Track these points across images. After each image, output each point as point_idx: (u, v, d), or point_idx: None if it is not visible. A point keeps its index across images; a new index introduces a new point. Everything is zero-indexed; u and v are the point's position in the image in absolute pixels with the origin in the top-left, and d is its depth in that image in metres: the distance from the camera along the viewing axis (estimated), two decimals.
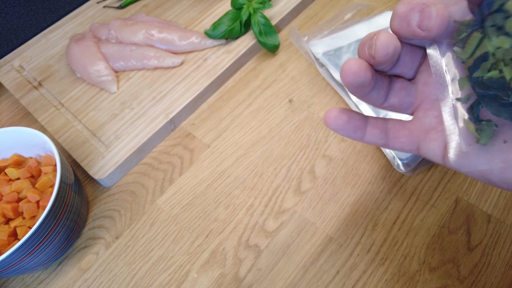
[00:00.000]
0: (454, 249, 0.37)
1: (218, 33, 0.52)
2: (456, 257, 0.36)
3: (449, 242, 0.37)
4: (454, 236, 0.38)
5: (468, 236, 0.37)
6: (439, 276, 0.36)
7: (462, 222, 0.38)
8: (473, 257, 0.36)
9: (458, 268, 0.36)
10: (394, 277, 0.36)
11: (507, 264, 0.36)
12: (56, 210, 0.35)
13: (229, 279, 0.37)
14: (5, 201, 0.38)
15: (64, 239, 0.38)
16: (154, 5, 0.62)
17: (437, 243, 0.37)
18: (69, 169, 0.39)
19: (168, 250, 0.40)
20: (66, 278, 0.39)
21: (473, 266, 0.36)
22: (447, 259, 0.36)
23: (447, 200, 0.40)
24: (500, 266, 0.36)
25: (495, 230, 0.38)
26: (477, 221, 0.38)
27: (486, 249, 0.37)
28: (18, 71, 0.56)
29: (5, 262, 0.32)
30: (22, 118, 0.54)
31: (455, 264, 0.36)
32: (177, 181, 0.45)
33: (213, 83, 0.50)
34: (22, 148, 0.42)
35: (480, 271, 0.35)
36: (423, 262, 0.36)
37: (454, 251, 0.37)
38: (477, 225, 0.38)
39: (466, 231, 0.38)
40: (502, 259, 0.36)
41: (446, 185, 0.41)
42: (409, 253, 0.37)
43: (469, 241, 0.37)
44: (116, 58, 0.52)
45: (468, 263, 0.36)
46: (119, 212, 0.43)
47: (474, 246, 0.37)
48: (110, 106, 0.50)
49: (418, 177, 0.42)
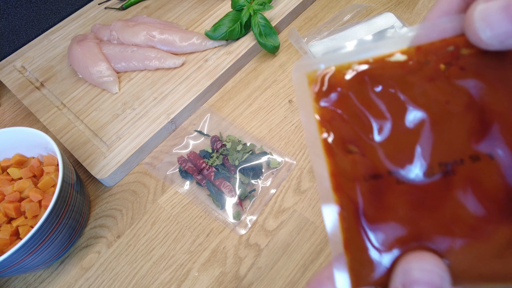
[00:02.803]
0: None
1: (218, 34, 0.52)
2: None
3: None
4: None
5: None
6: None
7: None
8: None
9: None
10: None
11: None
12: (58, 209, 0.35)
13: (230, 278, 0.38)
14: (8, 200, 0.39)
15: (66, 238, 0.38)
16: (155, 7, 0.63)
17: None
18: (71, 169, 0.39)
19: (169, 249, 0.40)
20: (68, 277, 0.40)
21: None
22: None
23: None
24: None
25: None
26: None
27: None
28: (20, 71, 0.56)
29: (7, 261, 0.33)
30: (24, 118, 0.54)
31: None
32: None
33: (214, 83, 0.51)
34: (24, 148, 0.43)
35: None
36: None
37: None
38: None
39: None
40: None
41: None
42: None
43: None
44: (118, 59, 0.53)
45: None
46: (121, 212, 0.43)
47: None
48: (112, 106, 0.50)
49: None
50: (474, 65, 0.16)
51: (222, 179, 0.43)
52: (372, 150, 0.17)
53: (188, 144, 0.47)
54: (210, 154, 0.45)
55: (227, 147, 0.45)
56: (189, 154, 0.45)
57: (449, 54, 0.16)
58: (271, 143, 0.46)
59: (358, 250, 0.18)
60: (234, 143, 0.45)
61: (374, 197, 0.17)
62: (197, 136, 0.48)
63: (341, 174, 0.17)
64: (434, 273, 0.16)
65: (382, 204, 0.17)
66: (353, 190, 0.17)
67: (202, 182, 0.43)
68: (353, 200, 0.17)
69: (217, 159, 0.44)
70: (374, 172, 0.17)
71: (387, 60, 0.17)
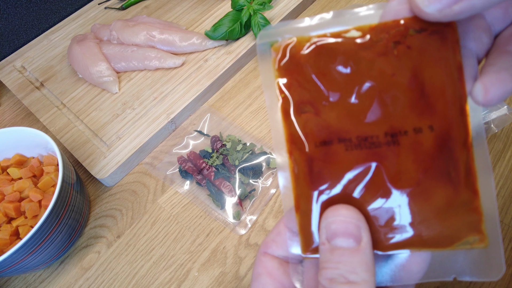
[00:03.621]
0: None
1: (218, 34, 0.52)
2: None
3: None
4: None
5: None
6: None
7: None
8: None
9: None
10: None
11: (505, 263, 0.36)
12: (58, 209, 0.35)
13: (230, 278, 0.38)
14: (7, 200, 0.39)
15: (66, 238, 0.38)
16: (155, 7, 0.63)
17: None
18: (71, 169, 0.39)
19: (169, 249, 0.40)
20: (68, 277, 0.40)
21: None
22: None
23: None
24: None
25: None
26: None
27: None
28: (20, 71, 0.56)
29: (7, 261, 0.33)
30: (24, 118, 0.54)
31: None
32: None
33: (214, 83, 0.51)
34: (24, 148, 0.43)
35: None
36: None
37: None
38: None
39: None
40: None
41: None
42: None
43: None
44: (118, 59, 0.53)
45: None
46: (121, 211, 0.43)
47: None
48: (112, 106, 0.50)
49: None
50: (419, 45, 0.18)
51: (222, 179, 0.43)
52: (324, 112, 0.19)
53: (188, 144, 0.47)
54: (210, 154, 0.45)
55: (227, 147, 0.45)
56: (189, 154, 0.45)
57: (399, 34, 0.18)
58: (271, 143, 0.46)
59: (307, 212, 0.19)
60: (234, 143, 0.45)
61: (324, 160, 0.19)
62: (197, 136, 0.48)
63: (295, 136, 0.19)
64: (350, 223, 0.18)
65: (330, 167, 0.19)
66: (304, 152, 0.19)
67: (202, 182, 0.43)
68: (304, 162, 0.19)
69: (217, 159, 0.44)
70: (324, 138, 0.19)
71: (344, 35, 0.18)
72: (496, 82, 0.17)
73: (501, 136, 0.44)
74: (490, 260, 0.18)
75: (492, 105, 0.17)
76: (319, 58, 0.19)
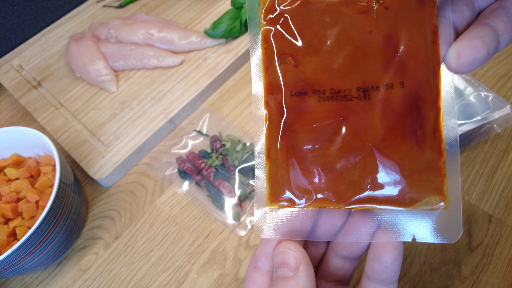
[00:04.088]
0: (455, 249, 0.37)
1: (218, 32, 0.51)
2: (457, 258, 0.36)
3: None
4: None
5: (469, 236, 0.37)
6: (440, 277, 0.35)
7: (463, 222, 0.38)
8: (474, 258, 0.36)
9: (459, 269, 0.36)
10: None
11: (508, 265, 0.35)
12: (55, 210, 0.35)
13: (229, 280, 0.37)
14: (5, 201, 0.38)
15: (63, 239, 0.38)
16: (153, 4, 0.62)
17: (437, 244, 0.37)
18: (69, 169, 0.39)
19: (168, 250, 0.40)
20: (66, 279, 0.39)
21: (474, 267, 0.36)
22: (448, 260, 0.36)
23: None
24: (501, 267, 0.35)
25: (496, 230, 0.37)
26: (478, 222, 0.38)
27: (487, 249, 0.36)
28: (18, 70, 0.55)
29: (5, 262, 0.32)
30: (21, 117, 0.54)
31: (456, 265, 0.36)
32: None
33: (213, 82, 0.50)
34: (22, 148, 0.42)
35: (481, 272, 0.35)
36: (423, 262, 0.36)
37: (455, 252, 0.37)
38: (478, 225, 0.38)
39: (467, 232, 0.38)
40: (503, 260, 0.36)
41: None
42: (410, 253, 0.37)
43: (470, 241, 0.37)
44: (116, 58, 0.52)
45: (469, 264, 0.36)
46: (119, 212, 0.43)
47: (475, 246, 0.37)
48: (110, 105, 0.50)
49: None
50: (397, 6, 0.19)
51: (221, 180, 0.42)
52: (303, 64, 0.20)
53: (187, 144, 0.47)
54: (210, 154, 0.44)
55: (226, 147, 0.44)
56: (188, 154, 0.45)
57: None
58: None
59: (276, 161, 0.20)
60: (234, 143, 0.45)
61: (297, 110, 0.20)
62: (196, 136, 0.47)
63: (273, 85, 0.20)
64: (287, 254, 0.19)
65: (302, 120, 0.20)
66: (279, 102, 0.20)
67: (201, 183, 0.43)
68: (278, 112, 0.20)
69: (217, 159, 0.44)
70: (300, 89, 0.20)
71: None
72: (468, 48, 0.17)
73: (504, 136, 0.43)
74: (449, 223, 0.19)
75: (464, 72, 0.18)
76: (303, 10, 0.20)
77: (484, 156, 0.42)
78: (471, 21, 0.20)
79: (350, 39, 0.19)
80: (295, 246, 0.20)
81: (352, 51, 0.19)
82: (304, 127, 0.20)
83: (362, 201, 0.19)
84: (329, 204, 0.20)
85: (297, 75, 0.20)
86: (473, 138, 0.42)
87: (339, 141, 0.19)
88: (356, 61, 0.19)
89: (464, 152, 0.43)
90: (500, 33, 0.18)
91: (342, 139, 0.19)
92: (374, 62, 0.19)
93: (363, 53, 0.19)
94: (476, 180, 0.41)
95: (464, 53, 0.17)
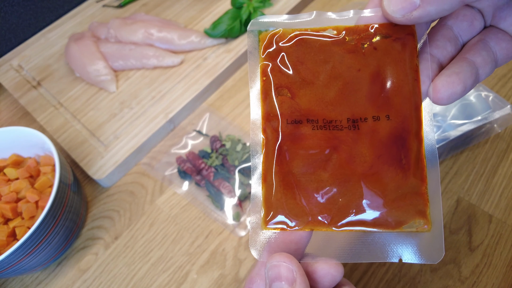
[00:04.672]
0: (455, 249, 0.37)
1: (218, 32, 0.51)
2: (458, 258, 0.36)
3: (450, 242, 0.37)
4: (455, 236, 0.37)
5: (470, 236, 0.37)
6: (440, 277, 0.35)
7: (463, 223, 0.38)
8: (474, 258, 0.36)
9: (459, 269, 0.36)
10: (395, 277, 0.36)
11: (508, 265, 0.35)
12: (55, 210, 0.35)
13: (229, 280, 0.37)
14: (4, 201, 0.38)
15: (63, 240, 0.38)
16: (153, 4, 0.62)
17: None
18: (68, 169, 0.39)
19: (168, 250, 0.40)
20: (65, 279, 0.39)
21: (474, 267, 0.36)
22: (448, 260, 0.36)
23: (448, 200, 0.40)
24: (502, 267, 0.35)
25: (496, 230, 0.37)
26: (478, 222, 0.38)
27: (487, 250, 0.36)
28: (17, 70, 0.55)
29: (4, 263, 0.32)
30: (21, 117, 0.54)
31: (456, 265, 0.36)
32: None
33: (213, 82, 0.50)
34: (21, 148, 0.42)
35: (481, 272, 0.35)
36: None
37: (455, 252, 0.37)
38: (478, 225, 0.38)
39: (467, 232, 0.38)
40: (503, 260, 0.36)
41: (447, 185, 0.40)
42: None
43: (470, 241, 0.37)
44: (115, 58, 0.52)
45: (469, 264, 0.36)
46: (118, 213, 0.43)
47: (476, 246, 0.37)
48: (109, 105, 0.49)
49: None
50: (384, 47, 0.21)
51: (221, 180, 0.42)
52: (299, 96, 0.22)
53: (186, 144, 0.47)
54: (209, 154, 0.44)
55: (226, 147, 0.44)
56: (187, 154, 0.45)
57: (368, 36, 0.21)
58: None
59: (271, 185, 0.21)
60: (234, 143, 0.45)
61: (292, 138, 0.21)
62: (196, 135, 0.47)
63: (271, 114, 0.22)
64: (283, 267, 0.20)
65: (298, 144, 0.21)
66: (276, 130, 0.21)
67: (201, 183, 0.43)
68: (275, 139, 0.21)
69: (216, 159, 0.43)
70: (295, 118, 0.21)
71: (321, 32, 0.22)
72: (446, 84, 0.20)
73: (504, 136, 0.43)
74: (432, 244, 0.20)
75: (444, 104, 0.20)
76: (298, 48, 0.22)
77: (484, 156, 0.42)
78: (455, 54, 0.22)
79: (340, 75, 0.21)
80: (289, 258, 0.20)
81: (343, 86, 0.21)
82: (298, 153, 0.21)
83: (352, 224, 0.21)
84: (322, 227, 0.21)
85: (293, 106, 0.22)
86: (474, 138, 0.42)
87: (330, 167, 0.21)
88: (346, 95, 0.21)
89: (464, 152, 0.42)
90: (479, 66, 0.20)
91: (333, 166, 0.21)
92: (363, 97, 0.21)
93: (352, 88, 0.21)
94: (476, 180, 0.41)
95: (443, 88, 0.20)
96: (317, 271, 0.21)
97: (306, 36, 0.22)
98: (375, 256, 0.21)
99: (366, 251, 0.21)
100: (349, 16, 0.22)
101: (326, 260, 0.21)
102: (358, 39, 0.21)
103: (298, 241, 0.21)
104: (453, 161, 0.42)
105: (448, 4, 0.18)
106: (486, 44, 0.21)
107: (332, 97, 0.21)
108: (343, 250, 0.21)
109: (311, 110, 0.21)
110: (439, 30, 0.22)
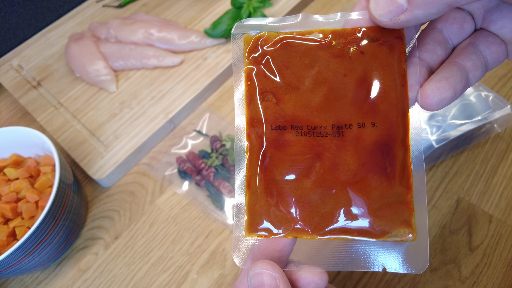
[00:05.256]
0: (455, 249, 0.37)
1: (218, 32, 0.51)
2: (458, 258, 0.36)
3: (450, 242, 0.37)
4: (455, 236, 0.37)
5: (470, 236, 0.37)
6: (440, 277, 0.35)
7: (463, 223, 0.38)
8: (474, 258, 0.36)
9: (459, 269, 0.36)
10: (395, 278, 0.36)
11: (508, 265, 0.35)
12: (55, 210, 0.35)
13: (229, 280, 0.37)
14: (4, 201, 0.38)
15: (63, 240, 0.38)
16: (153, 4, 0.62)
17: (438, 244, 0.37)
18: (68, 169, 0.39)
19: (168, 250, 0.40)
20: (65, 279, 0.39)
21: (474, 267, 0.36)
22: (448, 260, 0.36)
23: (448, 200, 0.40)
24: (501, 267, 0.35)
25: (496, 230, 0.37)
26: (478, 222, 0.38)
27: (487, 250, 0.36)
28: (17, 70, 0.55)
29: (4, 263, 0.32)
30: (21, 117, 0.54)
31: (456, 265, 0.36)
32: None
33: (213, 82, 0.50)
34: (21, 148, 0.42)
35: (481, 272, 0.35)
36: None
37: (455, 252, 0.37)
38: (478, 225, 0.38)
39: (467, 232, 0.38)
40: (503, 260, 0.36)
41: (447, 185, 0.40)
42: None
43: (470, 241, 0.37)
44: (115, 58, 0.52)
45: (469, 264, 0.36)
46: (119, 213, 0.43)
47: (476, 246, 0.37)
48: (109, 105, 0.49)
49: None
50: (371, 52, 0.20)
51: (221, 180, 0.42)
52: (283, 102, 0.21)
53: (186, 144, 0.47)
54: (209, 154, 0.44)
55: (226, 147, 0.44)
56: (187, 154, 0.45)
57: (354, 40, 0.20)
58: None
59: (255, 192, 0.21)
60: (234, 143, 0.45)
61: (276, 144, 0.21)
62: (196, 135, 0.47)
63: (255, 119, 0.21)
64: (266, 275, 0.19)
65: (282, 151, 0.21)
66: (260, 136, 0.21)
67: (201, 183, 0.43)
68: (259, 145, 0.21)
69: (216, 159, 0.43)
70: (280, 124, 0.21)
71: (307, 36, 0.21)
72: (435, 89, 0.19)
73: (504, 136, 0.43)
74: (417, 254, 0.20)
75: (434, 110, 0.19)
76: (284, 52, 0.21)
77: (484, 156, 0.42)
78: (445, 58, 0.21)
79: (326, 80, 0.21)
80: (272, 265, 0.19)
81: (328, 91, 0.21)
82: (282, 160, 0.21)
83: (336, 232, 0.20)
84: (305, 235, 0.21)
85: (278, 112, 0.21)
86: (474, 138, 0.42)
87: (314, 175, 0.21)
88: (331, 100, 0.21)
89: (464, 152, 0.42)
90: (469, 71, 0.20)
91: (316, 173, 0.21)
92: (348, 102, 0.20)
93: (338, 94, 0.21)
94: (476, 180, 0.41)
95: (432, 94, 0.19)
96: (300, 279, 0.20)
97: (291, 39, 0.21)
98: (359, 265, 0.20)
99: (349, 259, 0.21)
100: (336, 19, 0.21)
101: (310, 268, 0.20)
102: (345, 43, 0.21)
103: (282, 249, 0.21)
104: (453, 161, 0.42)
105: (436, 8, 0.17)
106: (476, 47, 0.20)
107: (317, 102, 0.21)
108: (326, 258, 0.21)
109: (295, 116, 0.21)
110: (429, 33, 0.21)
